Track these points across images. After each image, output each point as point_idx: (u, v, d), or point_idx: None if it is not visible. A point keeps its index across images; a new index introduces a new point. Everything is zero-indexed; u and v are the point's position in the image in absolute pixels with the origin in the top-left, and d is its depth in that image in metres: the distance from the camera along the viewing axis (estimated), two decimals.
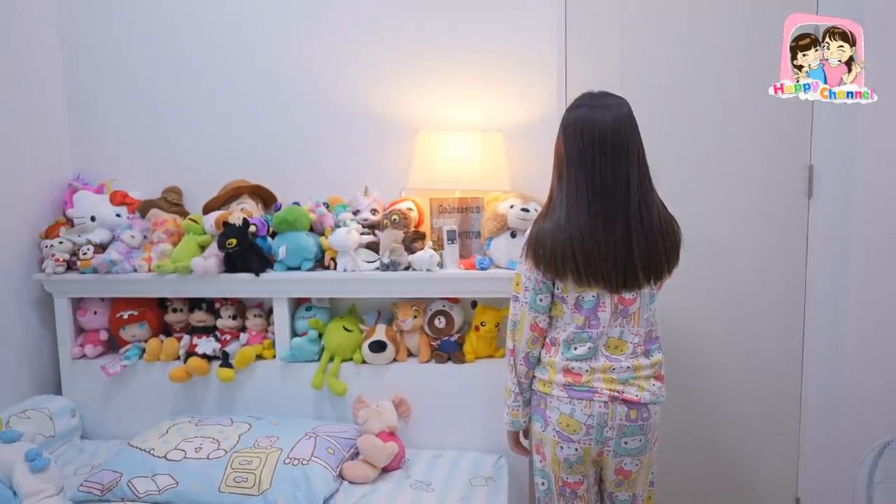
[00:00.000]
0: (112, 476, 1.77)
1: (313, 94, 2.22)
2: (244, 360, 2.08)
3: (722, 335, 2.18)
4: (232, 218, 2.04)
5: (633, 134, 1.41)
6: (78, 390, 2.17)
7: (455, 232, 2.01)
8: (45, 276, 2.12)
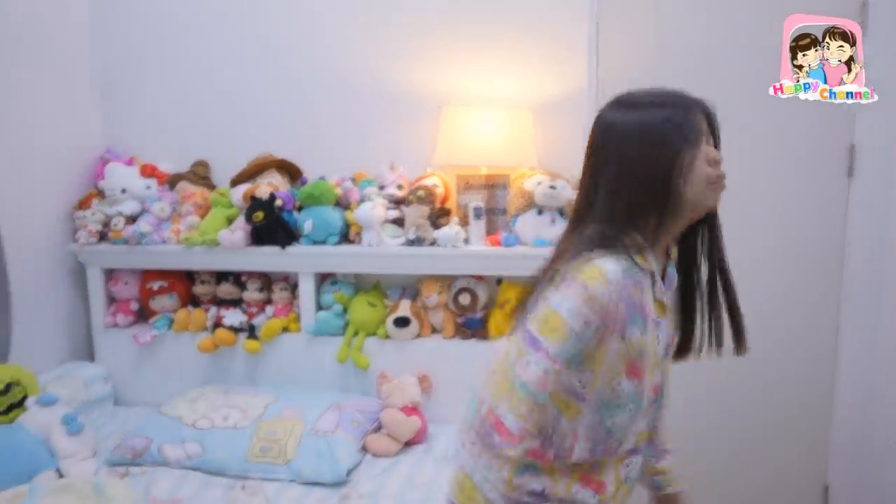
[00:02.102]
0: (143, 441, 1.82)
1: (341, 69, 2.20)
2: (270, 333, 2.11)
3: (754, 319, 2.13)
4: (259, 192, 2.05)
5: None
6: (110, 358, 2.23)
7: (481, 208, 1.99)
8: (79, 247, 2.17)
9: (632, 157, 1.00)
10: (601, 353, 0.98)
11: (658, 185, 0.98)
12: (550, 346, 0.95)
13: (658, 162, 0.99)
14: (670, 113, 1.01)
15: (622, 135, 1.02)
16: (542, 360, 0.95)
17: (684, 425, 2.21)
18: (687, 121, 1.01)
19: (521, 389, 0.96)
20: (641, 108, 1.03)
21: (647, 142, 0.99)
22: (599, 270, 0.94)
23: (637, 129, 1.01)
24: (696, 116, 1.02)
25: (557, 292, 0.96)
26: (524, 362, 0.96)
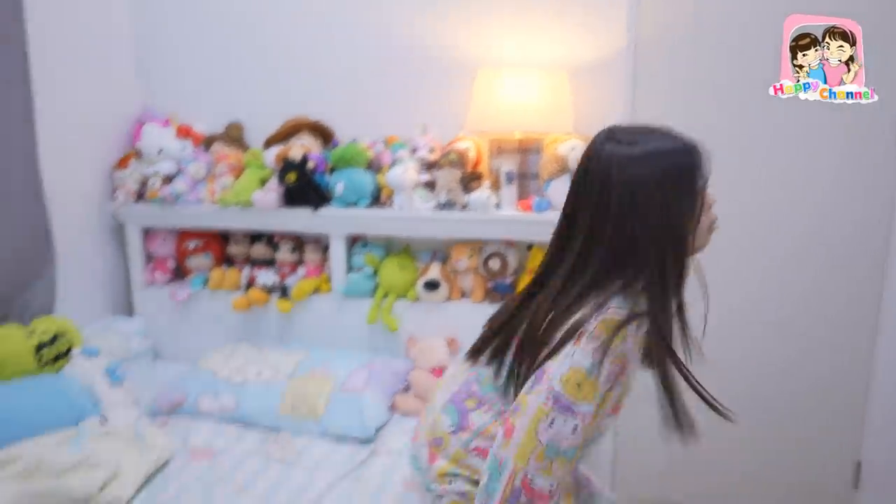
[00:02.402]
0: (180, 394, 1.89)
1: (374, 32, 2.18)
2: (301, 293, 2.14)
3: (794, 288, 2.10)
4: (291, 153, 2.06)
5: None
6: (149, 314, 2.30)
7: (513, 173, 1.97)
8: (118, 206, 2.22)
9: (653, 208, 0.97)
10: (608, 399, 0.99)
11: (680, 237, 0.98)
12: (580, 406, 0.94)
13: (679, 214, 0.97)
14: (685, 161, 0.98)
15: (640, 182, 0.97)
16: (570, 419, 0.94)
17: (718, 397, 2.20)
18: (698, 169, 0.99)
19: (550, 449, 0.94)
20: (653, 156, 0.98)
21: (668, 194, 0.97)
22: (622, 328, 0.95)
23: (654, 178, 0.97)
24: (700, 161, 1.00)
25: (581, 350, 0.95)
26: (548, 422, 0.94)
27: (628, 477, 2.31)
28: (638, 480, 2.32)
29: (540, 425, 0.94)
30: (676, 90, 2.07)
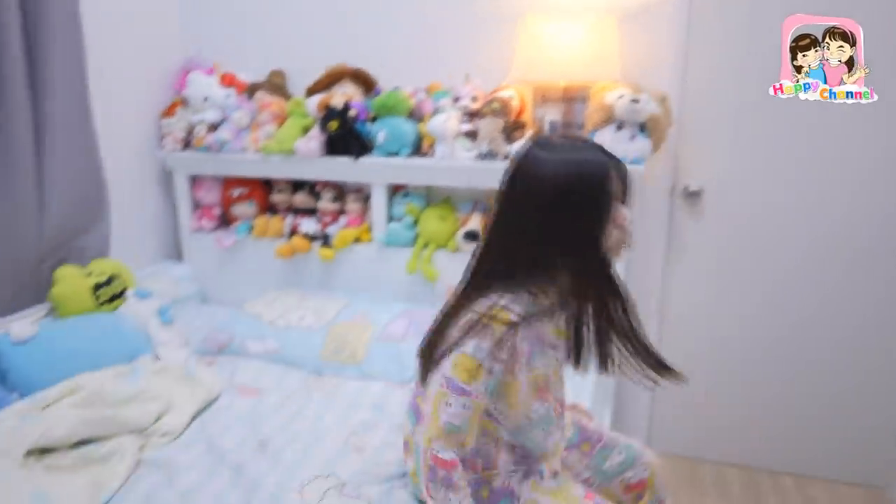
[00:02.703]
0: (227, 336, 1.95)
1: None
2: (343, 242, 2.17)
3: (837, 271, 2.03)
4: (333, 101, 2.06)
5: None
6: (196, 259, 2.37)
7: (557, 122, 1.93)
8: (165, 154, 2.27)
9: (559, 217, 1.04)
10: (514, 388, 1.10)
11: (582, 247, 1.05)
12: (467, 385, 1.05)
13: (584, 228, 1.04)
14: (595, 176, 1.04)
15: (552, 188, 1.04)
16: (460, 398, 1.05)
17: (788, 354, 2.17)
18: (607, 185, 1.04)
19: (447, 427, 1.06)
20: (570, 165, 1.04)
21: (576, 204, 1.04)
22: (505, 315, 1.05)
23: (565, 188, 1.04)
24: (614, 178, 1.06)
25: (470, 339, 1.05)
26: (444, 404, 1.06)
27: (663, 436, 2.32)
28: (672, 441, 2.33)
29: (440, 407, 1.06)
30: (731, 43, 1.98)
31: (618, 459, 1.32)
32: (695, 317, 2.22)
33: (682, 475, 2.24)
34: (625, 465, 1.32)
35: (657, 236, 2.16)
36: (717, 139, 2.06)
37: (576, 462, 1.33)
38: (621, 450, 1.33)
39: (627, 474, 1.32)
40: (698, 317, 2.21)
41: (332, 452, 1.40)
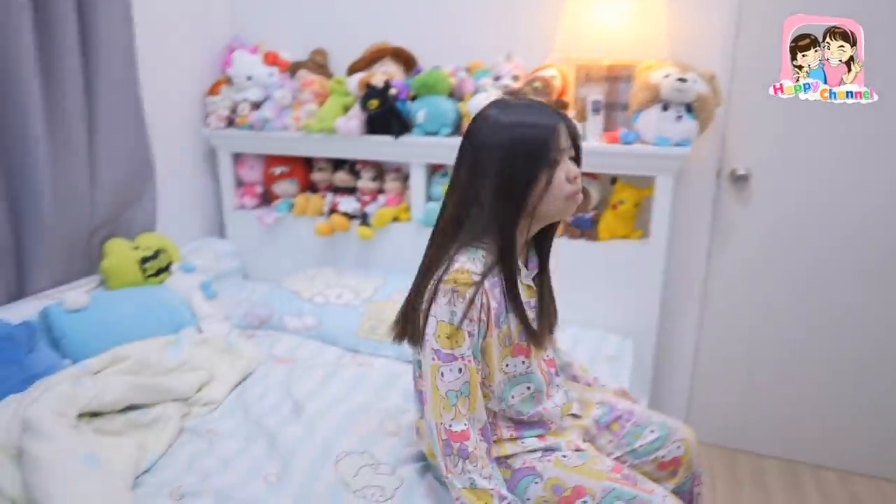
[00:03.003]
0: (267, 311, 2.00)
1: None
2: (381, 221, 2.18)
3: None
4: (374, 80, 2.06)
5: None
6: (238, 236, 2.42)
7: (600, 102, 1.89)
8: (210, 132, 2.32)
9: (504, 172, 1.08)
10: (489, 344, 1.13)
11: (521, 200, 1.09)
12: (453, 350, 1.07)
13: (522, 179, 1.08)
14: (538, 131, 1.08)
15: (498, 148, 1.09)
16: (452, 364, 1.08)
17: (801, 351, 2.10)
18: (552, 139, 1.08)
19: (450, 396, 1.08)
20: (515, 126, 1.09)
21: (517, 159, 1.08)
22: (463, 273, 1.07)
23: (509, 145, 1.08)
24: (560, 133, 1.10)
25: (437, 305, 1.08)
26: (439, 375, 1.08)
27: (701, 425, 2.27)
28: (710, 430, 2.28)
29: (437, 381, 1.08)
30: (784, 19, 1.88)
31: (650, 437, 1.29)
32: (738, 304, 2.16)
33: (718, 465, 2.20)
34: (658, 443, 1.29)
35: (701, 221, 2.10)
36: (767, 120, 1.98)
37: (606, 443, 1.31)
38: (654, 427, 1.31)
39: (660, 452, 1.29)
40: (741, 304, 2.15)
41: (366, 431, 1.42)
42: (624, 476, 1.14)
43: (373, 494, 1.23)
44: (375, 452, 1.35)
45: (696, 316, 2.20)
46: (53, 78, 1.71)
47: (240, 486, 1.27)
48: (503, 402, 1.19)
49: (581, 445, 1.22)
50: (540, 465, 1.16)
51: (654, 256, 1.95)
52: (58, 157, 1.75)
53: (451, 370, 1.08)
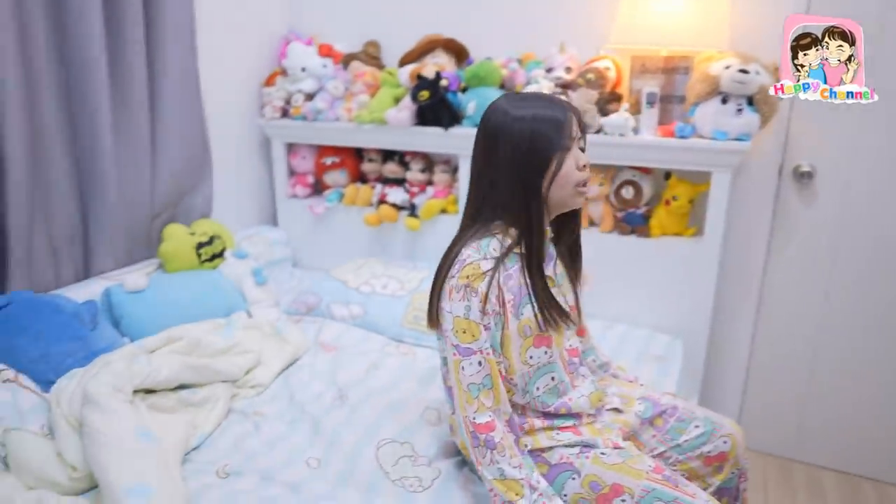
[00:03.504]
0: (315, 299, 2.04)
1: None
2: (429, 212, 2.19)
3: None
4: (425, 71, 2.06)
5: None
6: (290, 224, 2.48)
7: (656, 94, 1.83)
8: (265, 122, 2.37)
9: (518, 155, 1.10)
10: (508, 336, 1.13)
11: (534, 184, 1.10)
12: (471, 344, 1.09)
13: (534, 162, 1.10)
14: (550, 116, 1.10)
15: (512, 132, 1.10)
16: (471, 357, 1.10)
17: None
18: (564, 125, 1.10)
19: (472, 389, 1.10)
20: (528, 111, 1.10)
21: (531, 142, 1.09)
22: (473, 267, 1.09)
23: (523, 129, 1.09)
24: (571, 122, 1.12)
25: (452, 301, 1.10)
26: (461, 370, 1.10)
27: (752, 433, 2.19)
28: (763, 438, 2.19)
29: (459, 375, 1.11)
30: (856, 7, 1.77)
31: (695, 432, 1.26)
32: (796, 308, 2.06)
33: (771, 474, 2.11)
34: (703, 439, 1.26)
35: (760, 219, 2.02)
36: (835, 115, 1.87)
37: (649, 437, 1.29)
38: (699, 422, 1.27)
39: (706, 448, 1.26)
40: (800, 308, 2.05)
41: (408, 421, 1.43)
42: (665, 477, 1.10)
43: (410, 484, 1.24)
44: (415, 443, 1.36)
45: (751, 318, 2.11)
46: (120, 70, 1.79)
47: (282, 469, 1.30)
48: (528, 395, 1.19)
49: (620, 443, 1.19)
50: (578, 461, 1.15)
51: (707, 255, 1.88)
52: (123, 145, 1.83)
53: (470, 363, 1.10)
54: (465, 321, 1.09)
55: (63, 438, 1.22)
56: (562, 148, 1.11)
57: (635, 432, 1.29)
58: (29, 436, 1.23)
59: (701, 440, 1.26)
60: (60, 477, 1.18)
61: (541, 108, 1.11)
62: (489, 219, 1.15)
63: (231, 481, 1.27)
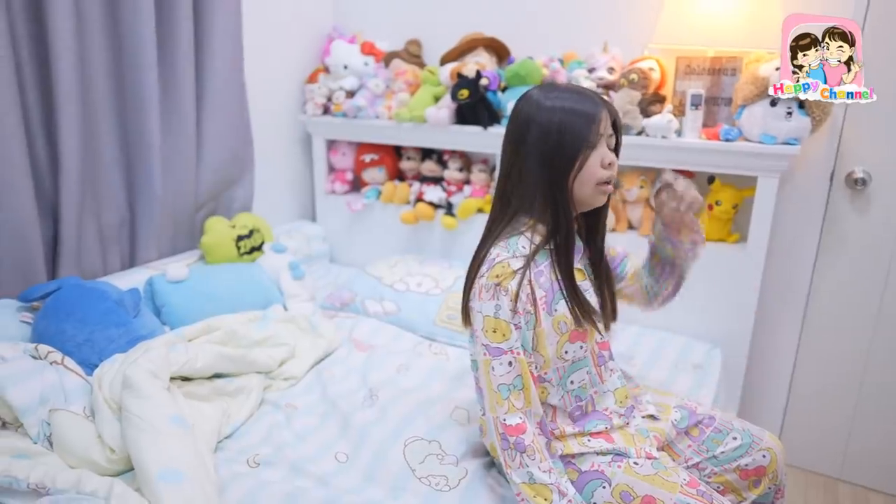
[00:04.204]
0: (350, 294, 2.05)
1: None
2: (466, 211, 2.18)
3: None
4: (465, 70, 2.05)
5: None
6: (328, 220, 2.51)
7: (701, 96, 1.78)
8: (307, 118, 2.41)
9: (547, 148, 1.08)
10: (540, 335, 1.12)
11: (562, 177, 1.08)
12: (502, 344, 1.08)
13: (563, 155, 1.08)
14: (583, 110, 1.08)
15: (543, 123, 1.09)
16: (501, 357, 1.08)
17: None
18: (595, 120, 1.08)
19: (503, 390, 1.08)
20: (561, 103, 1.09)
21: (560, 135, 1.07)
22: (503, 266, 1.08)
23: (554, 121, 1.08)
24: (603, 118, 1.09)
25: (481, 300, 1.09)
26: (491, 370, 1.09)
27: (795, 450, 2.11)
28: (806, 456, 2.11)
29: (489, 375, 1.09)
30: None
31: (732, 444, 1.23)
32: (846, 319, 1.97)
33: (813, 493, 2.03)
34: (740, 451, 1.22)
35: (809, 227, 1.94)
36: (892, 119, 1.78)
37: (684, 447, 1.25)
38: (736, 434, 1.24)
39: (744, 460, 1.22)
40: (850, 320, 1.97)
41: (437, 420, 1.43)
42: (699, 492, 1.07)
43: (437, 483, 1.24)
44: (443, 441, 1.35)
45: (795, 330, 2.03)
46: (169, 67, 1.84)
47: (312, 461, 1.32)
48: (562, 389, 1.17)
49: (654, 453, 1.16)
50: (609, 469, 1.12)
51: (751, 262, 1.82)
52: (170, 139, 1.88)
53: (500, 364, 1.08)
54: (495, 320, 1.08)
55: (103, 421, 1.27)
56: (589, 143, 1.09)
57: (670, 442, 1.26)
58: (72, 416, 1.28)
59: (738, 452, 1.23)
60: (99, 458, 1.22)
61: (573, 100, 1.09)
62: (517, 212, 1.14)
63: (261, 471, 1.29)
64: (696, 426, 1.27)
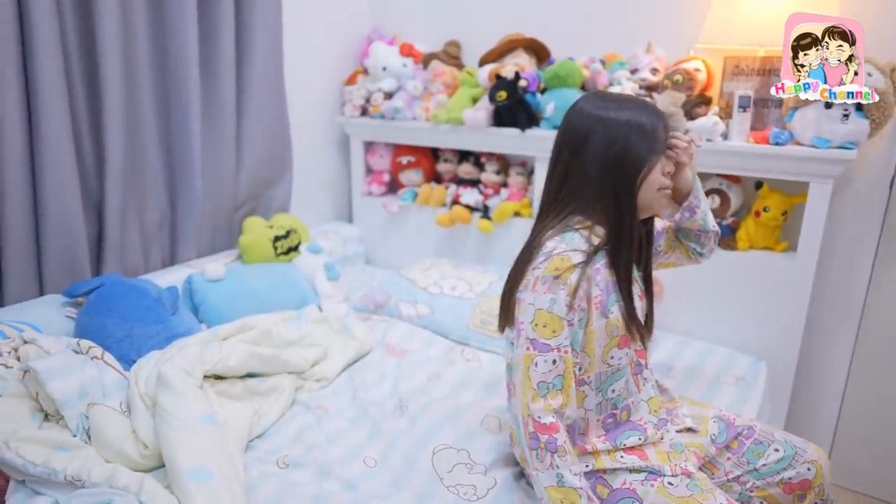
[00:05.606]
0: (384, 296, 2.05)
1: None
2: (503, 215, 2.15)
3: None
4: (504, 71, 2.02)
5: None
6: (364, 222, 2.51)
7: (749, 98, 1.70)
8: (345, 119, 2.42)
9: (614, 152, 1.08)
10: (590, 335, 1.09)
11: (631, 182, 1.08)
12: (550, 340, 1.05)
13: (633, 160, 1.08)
14: (649, 116, 1.09)
15: (608, 128, 1.08)
16: (547, 355, 1.05)
17: None
18: (660, 127, 1.10)
19: (542, 387, 1.05)
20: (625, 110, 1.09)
21: (622, 151, 1.07)
22: (563, 259, 1.05)
23: (621, 125, 1.08)
24: (661, 126, 1.10)
25: (538, 294, 1.05)
26: (533, 365, 1.05)
27: (844, 470, 2.00)
28: (856, 477, 2.00)
29: (530, 371, 1.06)
30: None
31: (775, 456, 1.18)
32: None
33: None
34: (783, 464, 1.17)
35: (866, 237, 1.84)
36: None
37: (724, 461, 1.20)
38: (778, 446, 1.19)
39: (787, 473, 1.17)
40: None
41: (467, 428, 1.41)
42: None
43: (465, 492, 1.22)
44: (472, 450, 1.33)
45: (848, 345, 1.93)
46: (211, 67, 1.87)
47: (341, 464, 1.31)
48: (601, 395, 1.14)
49: (691, 469, 1.11)
50: (641, 488, 1.08)
51: (801, 272, 1.73)
52: (210, 140, 1.92)
53: (545, 360, 1.05)
54: (549, 314, 1.05)
55: (138, 416, 1.29)
56: (655, 153, 1.10)
57: (711, 456, 1.21)
58: (109, 411, 1.30)
59: (781, 465, 1.17)
60: (133, 453, 1.24)
61: (635, 112, 1.10)
62: (572, 214, 1.13)
63: (290, 472, 1.29)
64: (736, 438, 1.22)
